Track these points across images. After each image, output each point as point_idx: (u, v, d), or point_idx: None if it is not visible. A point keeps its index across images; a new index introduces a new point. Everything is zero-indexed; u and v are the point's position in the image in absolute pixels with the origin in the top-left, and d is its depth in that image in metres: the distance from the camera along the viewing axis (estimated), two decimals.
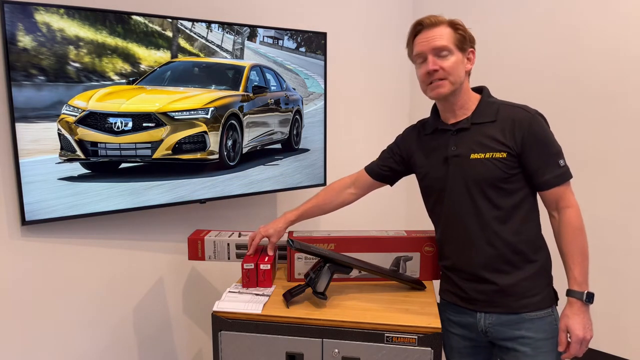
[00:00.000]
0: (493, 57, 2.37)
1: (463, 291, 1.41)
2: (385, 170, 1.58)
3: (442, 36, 1.32)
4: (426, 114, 1.52)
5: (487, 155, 1.31)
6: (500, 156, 1.30)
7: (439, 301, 1.50)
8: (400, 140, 1.58)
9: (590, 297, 1.26)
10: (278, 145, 2.13)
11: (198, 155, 1.88)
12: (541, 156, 1.30)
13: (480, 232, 1.35)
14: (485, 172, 1.31)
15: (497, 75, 2.36)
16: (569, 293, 1.29)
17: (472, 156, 1.33)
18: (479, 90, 1.42)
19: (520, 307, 1.33)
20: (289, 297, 1.43)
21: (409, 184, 2.94)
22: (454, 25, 1.34)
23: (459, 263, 1.40)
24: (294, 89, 2.14)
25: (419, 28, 1.36)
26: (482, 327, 1.38)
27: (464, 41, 1.34)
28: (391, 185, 1.62)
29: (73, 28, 1.61)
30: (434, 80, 1.33)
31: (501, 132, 1.31)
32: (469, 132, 1.35)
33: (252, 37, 2.00)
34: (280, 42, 2.08)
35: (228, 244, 1.70)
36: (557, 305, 1.38)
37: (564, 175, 1.31)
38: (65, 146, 1.64)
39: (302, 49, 2.14)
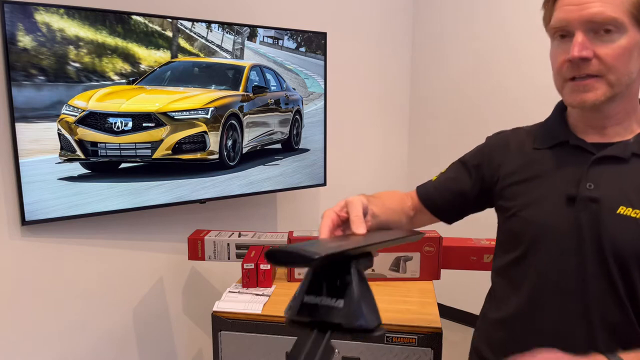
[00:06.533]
0: (497, 56, 2.37)
1: None
2: (446, 194, 1.01)
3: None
4: (426, 114, 1.29)
5: None
6: None
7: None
8: (484, 148, 1.00)
9: None
10: (278, 145, 2.13)
11: (198, 155, 1.88)
12: None
13: (597, 336, 0.81)
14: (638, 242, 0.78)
15: (502, 76, 2.36)
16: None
17: (621, 210, 0.80)
18: None
19: None
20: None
21: (409, 181, 2.92)
22: None
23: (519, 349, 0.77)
24: (294, 89, 2.14)
25: None
26: None
27: None
28: (449, 222, 1.04)
29: (73, 28, 1.61)
30: (579, 77, 0.78)
31: None
32: (626, 166, 0.82)
33: (252, 37, 2.00)
34: (280, 42, 2.08)
35: (228, 244, 1.70)
36: None
37: None
38: (65, 146, 1.64)
39: (302, 49, 2.14)
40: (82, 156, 1.67)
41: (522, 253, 0.88)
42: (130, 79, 1.73)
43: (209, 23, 1.88)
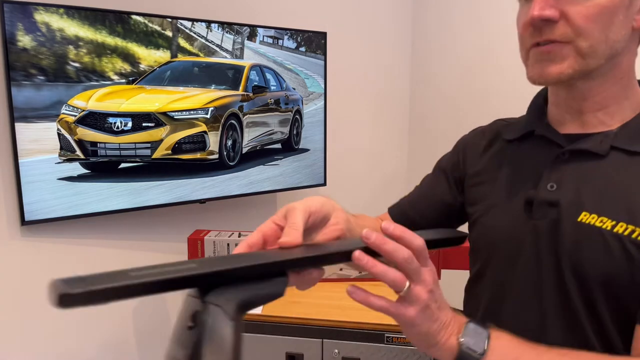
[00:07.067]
0: (499, 56, 2.37)
1: None
2: (426, 212, 0.86)
3: None
4: (426, 114, 1.38)
5: (620, 229, 0.60)
6: None
7: None
8: (459, 147, 0.86)
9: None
10: (278, 145, 2.13)
11: (198, 155, 1.88)
12: None
13: None
14: (603, 262, 0.60)
15: (504, 76, 2.36)
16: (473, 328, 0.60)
17: (583, 217, 0.62)
18: None
19: None
20: None
21: (408, 182, 2.93)
22: None
23: None
24: (294, 88, 2.14)
25: None
26: None
27: None
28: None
29: (73, 28, 1.61)
30: (543, 43, 0.63)
31: None
32: (601, 163, 0.64)
33: (252, 36, 1.99)
34: (280, 41, 2.08)
35: (228, 244, 1.70)
36: None
37: None
38: (65, 146, 1.64)
39: (302, 49, 2.14)
40: (82, 156, 1.67)
41: (480, 267, 0.74)
42: (130, 78, 1.73)
43: (208, 23, 1.88)
